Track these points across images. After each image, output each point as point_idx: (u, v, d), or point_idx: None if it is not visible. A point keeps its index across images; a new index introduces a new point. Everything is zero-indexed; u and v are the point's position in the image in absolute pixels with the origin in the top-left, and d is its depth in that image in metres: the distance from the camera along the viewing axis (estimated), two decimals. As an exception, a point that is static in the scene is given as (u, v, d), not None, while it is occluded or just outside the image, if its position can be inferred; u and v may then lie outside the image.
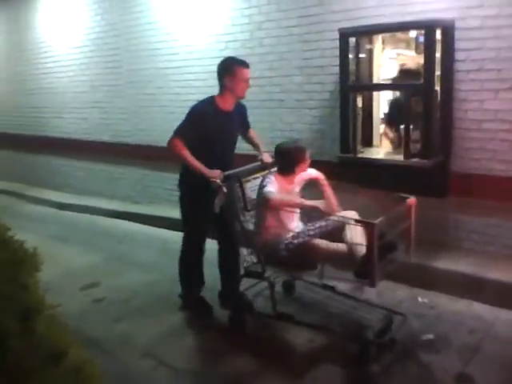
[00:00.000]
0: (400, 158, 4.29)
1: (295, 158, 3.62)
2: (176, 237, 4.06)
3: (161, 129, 6.90)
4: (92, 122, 8.06)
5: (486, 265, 4.13)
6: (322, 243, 3.39)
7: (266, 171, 3.87)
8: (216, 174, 3.54)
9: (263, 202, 3.48)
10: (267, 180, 3.55)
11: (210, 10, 6.01)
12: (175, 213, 3.98)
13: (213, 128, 3.66)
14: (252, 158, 3.96)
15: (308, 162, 3.68)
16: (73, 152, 8.48)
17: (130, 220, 6.90)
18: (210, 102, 3.77)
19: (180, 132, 3.68)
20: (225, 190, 3.53)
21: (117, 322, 3.95)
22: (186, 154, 3.64)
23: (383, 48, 5.01)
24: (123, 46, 7.22)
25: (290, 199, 3.54)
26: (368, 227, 3.12)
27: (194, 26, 6.24)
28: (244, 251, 3.73)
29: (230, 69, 3.71)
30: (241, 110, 3.93)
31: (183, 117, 6.53)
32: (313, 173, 3.77)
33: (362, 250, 3.25)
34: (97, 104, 7.88)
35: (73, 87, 8.26)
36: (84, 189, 8.36)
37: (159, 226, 6.34)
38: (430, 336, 3.43)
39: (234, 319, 3.81)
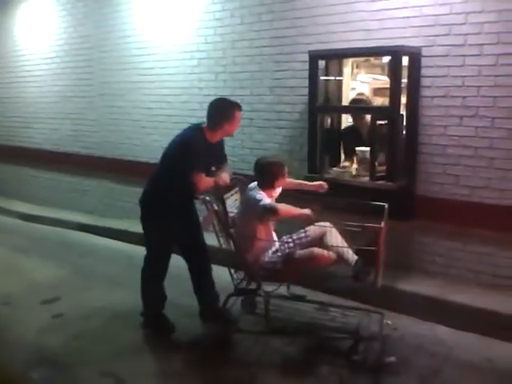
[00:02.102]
0: (366, 180, 4.35)
1: (275, 174, 3.70)
2: (142, 252, 4.01)
3: (131, 142, 6.89)
4: (62, 133, 7.97)
5: (449, 288, 4.18)
6: (316, 251, 3.53)
7: (236, 189, 4.01)
8: (226, 179, 3.72)
9: (269, 214, 3.49)
10: (258, 195, 3.57)
11: (185, 26, 6.04)
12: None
13: (202, 157, 3.66)
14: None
15: (286, 176, 3.76)
16: (42, 163, 8.37)
17: (95, 234, 6.80)
18: (199, 132, 3.76)
19: (194, 166, 3.61)
20: (215, 207, 3.54)
21: (76, 339, 3.87)
22: (207, 180, 3.66)
23: (358, 72, 5.11)
24: (96, 58, 7.19)
25: (295, 209, 3.54)
26: (375, 231, 3.27)
27: (168, 42, 6.26)
28: (231, 269, 3.75)
29: (230, 114, 3.74)
30: (221, 142, 3.96)
31: (153, 131, 6.56)
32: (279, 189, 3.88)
33: (348, 253, 3.50)
34: (68, 115, 7.81)
35: (44, 97, 8.18)
36: (51, 200, 8.23)
37: (125, 241, 6.27)
38: (392, 358, 3.44)
39: (218, 337, 3.81)
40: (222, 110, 3.75)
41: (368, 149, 4.37)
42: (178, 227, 3.85)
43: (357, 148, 4.53)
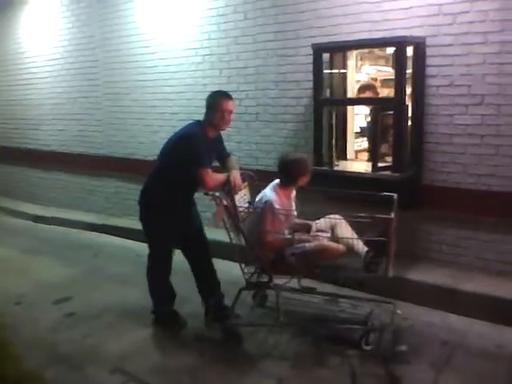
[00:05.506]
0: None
1: (299, 172, 3.70)
2: (151, 250, 4.03)
3: (137, 141, 6.91)
4: (69, 134, 8.01)
5: (459, 276, 4.19)
6: (326, 243, 3.57)
7: (245, 184, 3.98)
8: (239, 181, 3.72)
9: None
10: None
11: (188, 23, 6.04)
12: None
13: (205, 153, 3.66)
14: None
15: (309, 175, 3.74)
16: (50, 164, 8.41)
17: (105, 233, 6.86)
18: (199, 127, 3.76)
19: (200, 163, 3.60)
20: (225, 202, 3.54)
21: (87, 337, 3.90)
22: (215, 176, 3.67)
23: (362, 64, 5.10)
24: (100, 58, 7.21)
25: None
26: (386, 222, 3.31)
27: (171, 40, 6.27)
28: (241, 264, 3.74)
29: (214, 103, 3.72)
30: (219, 137, 3.94)
31: (159, 129, 6.57)
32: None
33: (359, 244, 3.54)
34: (74, 116, 7.84)
35: (50, 99, 8.21)
36: (60, 201, 8.29)
37: (134, 239, 6.28)
38: (404, 347, 3.45)
39: (229, 331, 3.79)
40: (209, 101, 3.76)
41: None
42: (178, 225, 3.85)
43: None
